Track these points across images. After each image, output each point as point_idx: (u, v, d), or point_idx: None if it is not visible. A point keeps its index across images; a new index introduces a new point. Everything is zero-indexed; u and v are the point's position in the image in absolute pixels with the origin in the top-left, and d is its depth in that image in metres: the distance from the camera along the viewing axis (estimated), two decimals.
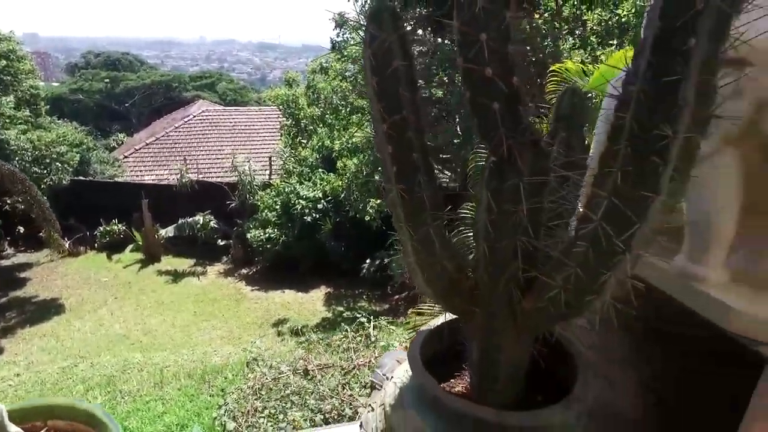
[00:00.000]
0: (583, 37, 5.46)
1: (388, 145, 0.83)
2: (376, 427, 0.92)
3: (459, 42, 0.70)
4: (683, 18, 0.53)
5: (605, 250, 0.68)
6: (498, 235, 0.81)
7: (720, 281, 0.87)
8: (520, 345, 0.86)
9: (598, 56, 4.87)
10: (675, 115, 0.60)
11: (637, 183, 0.64)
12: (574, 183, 0.92)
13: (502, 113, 0.73)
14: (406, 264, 0.93)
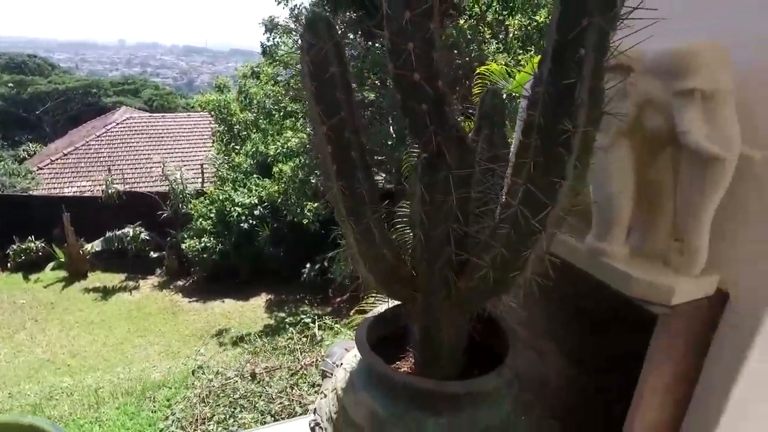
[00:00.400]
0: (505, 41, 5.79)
1: (328, 145, 0.89)
2: (330, 411, 0.97)
3: (389, 50, 0.77)
4: (573, 33, 0.63)
5: (524, 230, 0.78)
6: (432, 223, 0.90)
7: (621, 255, 1.01)
8: (458, 322, 0.95)
9: (520, 60, 5.20)
10: (573, 113, 0.71)
11: (547, 171, 0.75)
12: (497, 174, 1.03)
13: (430, 113, 0.81)
14: (349, 255, 0.99)
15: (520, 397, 0.96)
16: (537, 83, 0.74)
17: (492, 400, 0.90)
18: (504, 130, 1.15)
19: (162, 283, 10.07)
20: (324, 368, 1.13)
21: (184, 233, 9.79)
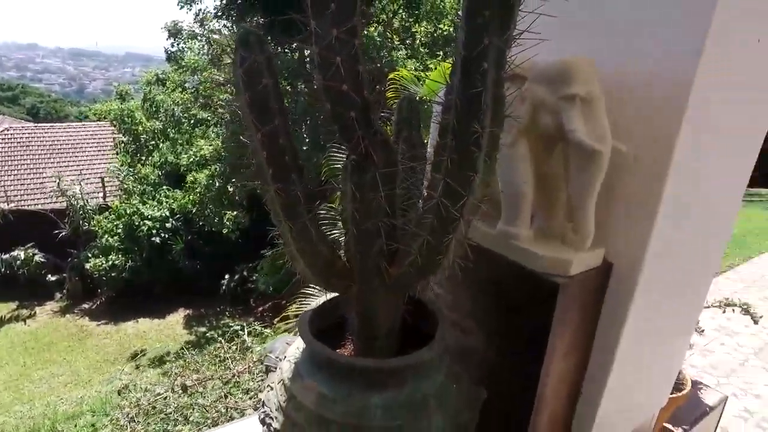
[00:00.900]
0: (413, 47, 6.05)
1: (263, 151, 0.96)
2: (278, 401, 1.03)
3: (318, 64, 0.85)
4: (477, 50, 0.76)
5: (446, 218, 0.90)
6: (363, 219, 0.99)
7: (528, 237, 1.17)
8: (392, 306, 1.05)
9: (428, 65, 5.47)
10: (481, 116, 0.83)
11: (462, 166, 0.87)
12: (417, 172, 1.15)
13: (358, 120, 0.91)
14: (288, 253, 1.06)
15: (450, 369, 1.09)
16: (450, 92, 0.86)
17: (427, 371, 1.01)
18: (420, 131, 1.27)
19: (64, 308, 9.25)
20: (268, 363, 1.18)
21: (87, 252, 9.06)
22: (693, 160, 1.15)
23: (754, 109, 1.32)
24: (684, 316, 1.61)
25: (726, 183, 1.41)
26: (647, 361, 1.48)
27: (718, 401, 2.35)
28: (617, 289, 1.22)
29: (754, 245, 6.78)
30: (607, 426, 1.42)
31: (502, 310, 1.27)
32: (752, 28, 1.12)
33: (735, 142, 1.34)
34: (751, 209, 9.33)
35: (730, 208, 1.51)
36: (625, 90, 1.10)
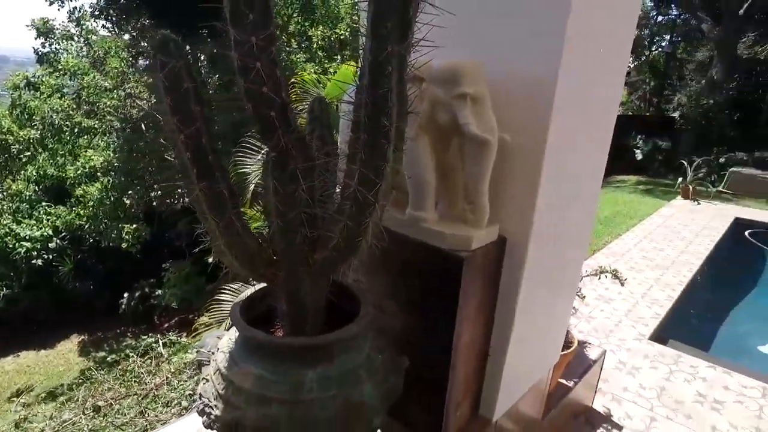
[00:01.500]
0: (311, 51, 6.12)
1: (187, 152, 1.00)
2: (215, 390, 1.08)
3: (239, 68, 0.92)
4: (382, 56, 0.88)
5: (363, 204, 1.01)
6: (286, 210, 1.07)
7: (434, 219, 1.33)
8: (317, 290, 1.15)
9: (327, 68, 5.58)
10: (388, 113, 0.96)
11: (374, 157, 0.99)
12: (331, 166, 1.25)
13: (278, 119, 0.99)
14: (215, 248, 1.11)
15: (374, 342, 1.20)
16: (360, 92, 0.97)
17: (355, 345, 1.12)
18: (331, 129, 1.38)
19: None
20: (200, 358, 1.21)
21: None
22: (562, 146, 1.38)
23: (604, 104, 1.60)
24: (567, 282, 1.89)
25: (588, 165, 1.69)
26: (541, 322, 1.72)
27: (599, 355, 2.73)
28: (511, 259, 1.42)
29: (622, 224, 7.77)
30: (513, 382, 1.63)
31: (416, 286, 1.42)
32: (597, 40, 1.37)
33: (592, 132, 1.61)
34: (618, 194, 10.64)
35: (594, 186, 1.80)
36: (507, 90, 1.30)
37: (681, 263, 6.07)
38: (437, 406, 1.43)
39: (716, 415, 3.12)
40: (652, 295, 5.04)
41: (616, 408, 3.03)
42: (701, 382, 3.52)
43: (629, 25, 1.60)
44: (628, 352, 3.86)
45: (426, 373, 1.37)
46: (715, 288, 6.29)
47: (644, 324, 4.40)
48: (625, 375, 3.52)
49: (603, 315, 4.51)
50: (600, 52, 1.40)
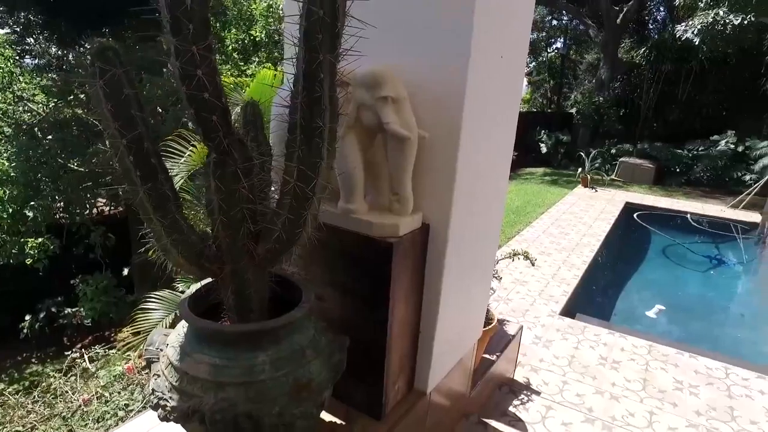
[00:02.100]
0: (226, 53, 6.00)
1: (130, 155, 1.05)
2: (168, 383, 1.13)
3: (180, 76, 0.99)
4: (315, 64, 0.99)
5: (301, 197, 1.11)
6: (229, 207, 1.15)
7: (363, 210, 1.46)
8: (262, 280, 1.23)
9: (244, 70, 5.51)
10: (322, 115, 1.07)
11: (310, 155, 1.10)
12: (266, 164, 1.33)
13: (219, 122, 1.07)
14: (161, 247, 1.16)
15: (317, 325, 1.31)
16: (295, 96, 1.08)
17: (301, 328, 1.22)
18: (264, 131, 1.46)
19: None
20: (149, 356, 1.24)
21: None
22: (474, 141, 1.57)
23: (507, 103, 1.82)
24: (485, 263, 2.10)
25: (497, 156, 1.90)
26: (463, 301, 1.91)
27: (517, 330, 3.01)
28: (435, 244, 1.59)
29: (531, 213, 8.41)
30: (442, 356, 1.80)
31: (351, 273, 1.54)
32: (497, 48, 1.58)
33: (498, 127, 1.82)
34: (527, 185, 11.45)
35: (503, 175, 2.02)
36: (424, 92, 1.45)
37: (583, 245, 6.71)
38: (377, 382, 1.57)
39: (615, 373, 3.55)
40: (561, 276, 5.55)
41: (534, 377, 3.35)
42: (603, 347, 3.97)
43: (524, 33, 1.83)
44: (542, 327, 4.25)
45: (365, 353, 1.49)
46: (612, 265, 7.02)
47: (555, 302, 4.84)
48: (541, 348, 3.88)
49: (519, 297, 4.90)
50: (500, 58, 1.60)
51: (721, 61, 13.53)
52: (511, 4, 1.62)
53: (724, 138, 12.75)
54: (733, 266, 7.70)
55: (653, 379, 3.56)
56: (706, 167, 12.32)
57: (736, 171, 11.78)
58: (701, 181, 12.30)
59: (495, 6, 1.46)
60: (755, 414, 3.22)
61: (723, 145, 12.58)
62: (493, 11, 1.45)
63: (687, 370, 3.75)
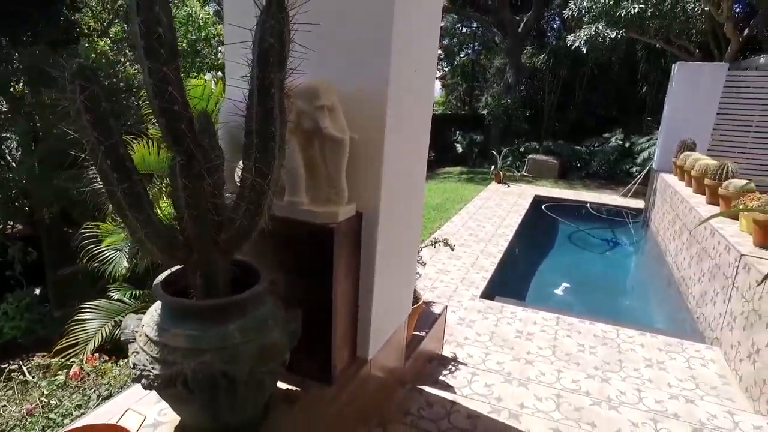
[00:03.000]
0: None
1: (107, 160, 1.22)
2: (149, 356, 1.31)
3: (154, 92, 1.18)
4: (267, 81, 1.23)
5: (259, 191, 1.34)
6: (196, 202, 1.35)
7: (306, 202, 1.70)
8: (225, 263, 1.44)
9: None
10: (273, 122, 1.31)
11: (265, 156, 1.33)
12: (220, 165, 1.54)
13: (186, 130, 1.27)
14: (136, 240, 1.33)
15: (274, 300, 1.54)
16: (250, 107, 1.31)
17: (261, 302, 1.44)
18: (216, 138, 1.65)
19: None
20: (125, 338, 1.39)
21: None
22: (396, 141, 1.86)
23: (421, 109, 2.15)
24: (410, 247, 2.41)
25: (416, 153, 2.22)
26: (394, 279, 2.20)
27: (442, 310, 3.37)
28: (367, 229, 1.86)
29: (450, 209, 8.98)
30: (379, 328, 2.08)
31: (298, 257, 1.77)
32: (411, 64, 1.89)
33: (415, 130, 2.14)
34: (445, 183, 12.12)
35: (421, 169, 2.34)
36: (353, 100, 1.72)
37: (498, 236, 7.33)
38: (325, 351, 1.81)
39: (529, 343, 4.04)
40: (480, 264, 6.06)
41: (460, 352, 3.74)
42: (519, 322, 4.47)
43: (433, 49, 2.16)
44: (465, 310, 4.68)
45: (314, 326, 1.73)
46: (525, 252, 7.71)
47: (476, 287, 5.32)
48: (465, 327, 4.30)
49: (443, 284, 5.32)
50: (414, 72, 1.92)
51: (607, 68, 15.16)
52: (421, 27, 1.94)
53: (614, 135, 14.26)
54: (625, 246, 8.75)
55: (561, 345, 4.09)
56: (601, 161, 13.71)
57: (624, 164, 13.23)
58: (598, 174, 13.66)
59: (408, 30, 1.77)
60: (637, 363, 3.83)
61: (613, 141, 14.07)
62: (406, 35, 1.76)
63: (587, 335, 4.34)
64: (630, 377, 3.61)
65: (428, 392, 2.57)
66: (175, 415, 1.54)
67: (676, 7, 9.87)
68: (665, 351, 4.12)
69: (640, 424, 2.68)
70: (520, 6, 16.99)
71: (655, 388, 3.47)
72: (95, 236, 3.22)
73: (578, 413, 2.76)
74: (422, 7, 1.91)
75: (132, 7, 1.13)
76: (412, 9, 1.78)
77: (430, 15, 2.04)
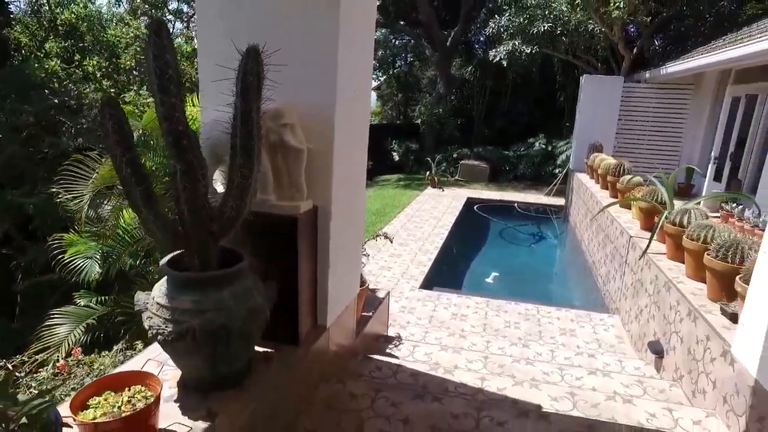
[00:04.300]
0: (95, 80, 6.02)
1: (128, 168, 1.62)
2: (162, 319, 1.70)
3: (164, 117, 1.60)
4: (248, 108, 1.68)
5: (244, 188, 1.78)
6: (193, 200, 1.76)
7: (275, 198, 2.15)
8: (215, 247, 1.85)
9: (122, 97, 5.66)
10: (254, 138, 1.76)
11: (249, 162, 1.77)
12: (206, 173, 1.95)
13: (187, 145, 1.69)
14: (147, 230, 1.73)
15: (254, 275, 1.97)
16: (235, 127, 1.74)
17: (245, 275, 1.86)
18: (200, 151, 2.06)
19: None
20: (138, 308, 1.76)
21: None
22: (342, 149, 2.35)
23: (360, 122, 2.65)
24: (356, 237, 2.90)
25: (358, 158, 2.71)
26: (344, 261, 2.67)
27: (385, 295, 3.88)
28: (322, 220, 2.33)
29: (390, 213, 9.57)
30: (335, 300, 2.55)
31: (269, 242, 2.21)
32: (351, 86, 2.39)
33: (356, 140, 2.63)
34: (384, 190, 12.74)
35: (362, 172, 2.84)
36: (309, 118, 2.19)
37: (435, 234, 7.97)
38: (293, 319, 2.26)
39: (463, 322, 4.64)
40: (419, 260, 6.64)
41: (403, 332, 4.26)
42: (454, 307, 5.06)
43: (368, 69, 2.67)
44: (407, 299, 5.22)
45: (284, 298, 2.17)
46: (459, 248, 8.41)
47: (415, 280, 5.88)
48: (407, 314, 4.83)
49: (386, 279, 5.84)
50: (354, 92, 2.42)
51: (529, 78, 16.45)
52: (358, 59, 2.45)
53: (537, 140, 15.49)
54: (548, 239, 9.69)
55: (490, 323, 4.71)
56: (527, 164, 14.86)
57: (548, 166, 14.44)
58: (525, 176, 14.80)
59: (348, 64, 2.27)
60: (553, 333, 4.52)
61: (537, 146, 15.28)
62: (347, 68, 2.26)
63: (513, 313, 5.00)
64: (546, 343, 4.29)
65: (377, 359, 3.05)
66: (177, 372, 1.93)
67: (580, 28, 11.11)
68: (576, 322, 4.85)
69: (550, 373, 3.31)
70: (448, 21, 18.07)
71: (566, 349, 4.15)
72: (60, 247, 3.44)
73: (501, 369, 3.35)
74: (358, 44, 2.42)
75: (149, 55, 1.56)
76: (350, 47, 2.28)
77: (365, 49, 2.55)
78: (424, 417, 2.33)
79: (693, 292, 3.42)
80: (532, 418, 2.38)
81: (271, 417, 2.07)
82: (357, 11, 2.34)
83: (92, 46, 6.05)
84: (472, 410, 2.39)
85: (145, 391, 1.63)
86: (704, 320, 3.01)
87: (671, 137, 9.99)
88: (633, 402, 2.74)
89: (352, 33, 2.30)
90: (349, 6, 2.19)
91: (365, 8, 2.49)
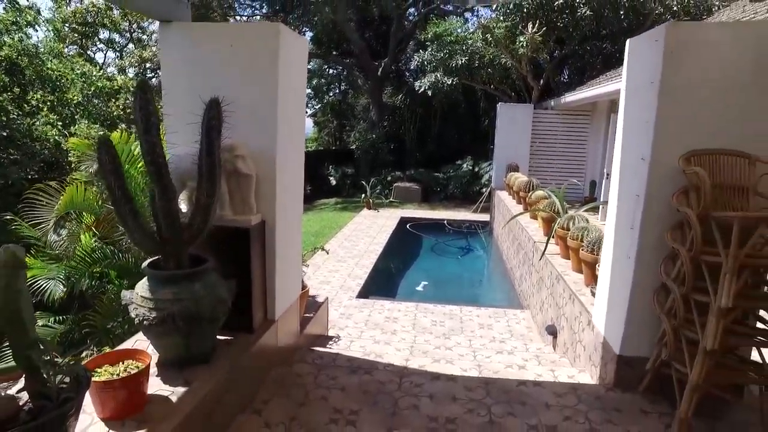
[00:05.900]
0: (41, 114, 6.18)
1: (119, 191, 2.12)
2: (147, 308, 2.18)
3: (147, 151, 2.12)
4: (211, 140, 2.24)
5: (209, 206, 2.31)
6: (169, 215, 2.28)
7: (232, 214, 2.69)
8: (186, 252, 2.37)
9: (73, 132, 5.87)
10: (216, 167, 2.31)
11: (211, 185, 2.31)
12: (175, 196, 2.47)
13: (165, 171, 2.21)
14: (132, 239, 2.23)
15: (218, 274, 2.49)
16: (201, 156, 2.29)
17: (211, 273, 2.39)
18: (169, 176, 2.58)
19: None
20: (125, 302, 2.23)
21: None
22: (282, 175, 2.93)
23: (297, 154, 3.25)
24: (296, 246, 3.46)
25: (296, 183, 3.30)
26: (288, 265, 3.22)
27: (324, 299, 4.43)
28: (269, 231, 2.89)
29: (328, 234, 10.13)
30: (281, 297, 3.09)
31: (228, 250, 2.73)
32: (290, 124, 2.99)
33: (294, 168, 3.22)
34: (323, 213, 13.28)
35: (299, 196, 3.43)
36: (256, 149, 2.76)
37: (370, 251, 8.61)
38: (248, 311, 2.78)
39: (395, 324, 5.26)
40: (355, 274, 7.23)
41: (342, 333, 4.81)
42: (387, 311, 5.68)
43: (302, 107, 3.29)
44: (345, 307, 5.78)
45: (240, 295, 2.69)
46: (393, 262, 9.09)
47: (352, 291, 6.46)
48: (345, 319, 5.39)
49: (326, 291, 6.38)
50: (291, 128, 3.03)
51: (455, 105, 17.74)
52: (295, 103, 3.06)
53: (465, 162, 16.66)
54: (475, 251, 10.60)
55: (419, 322, 5.37)
56: (456, 185, 15.95)
57: (475, 186, 15.59)
58: (455, 196, 15.86)
59: (286, 108, 2.88)
60: (473, 328, 5.24)
61: (465, 167, 16.44)
62: (286, 111, 2.87)
63: (439, 314, 5.69)
64: (465, 336, 4.99)
65: (319, 350, 3.59)
66: (156, 355, 2.40)
67: (495, 61, 12.43)
68: (493, 318, 5.62)
69: (465, 354, 3.98)
70: (380, 51, 19.17)
71: (482, 339, 4.88)
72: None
73: (425, 354, 3.98)
74: (294, 90, 3.04)
75: (136, 106, 2.09)
76: (288, 94, 2.90)
77: (298, 95, 3.18)
78: (357, 385, 2.91)
79: (575, 281, 4.25)
80: (443, 380, 3.02)
81: (233, 388, 2.57)
82: (293, 71, 2.96)
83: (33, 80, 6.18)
84: (395, 377, 3.00)
85: (137, 363, 2.10)
86: (579, 300, 3.81)
87: (577, 156, 11.34)
88: (526, 368, 3.46)
89: (289, 84, 2.92)
90: (286, 66, 2.81)
91: (299, 68, 3.12)
